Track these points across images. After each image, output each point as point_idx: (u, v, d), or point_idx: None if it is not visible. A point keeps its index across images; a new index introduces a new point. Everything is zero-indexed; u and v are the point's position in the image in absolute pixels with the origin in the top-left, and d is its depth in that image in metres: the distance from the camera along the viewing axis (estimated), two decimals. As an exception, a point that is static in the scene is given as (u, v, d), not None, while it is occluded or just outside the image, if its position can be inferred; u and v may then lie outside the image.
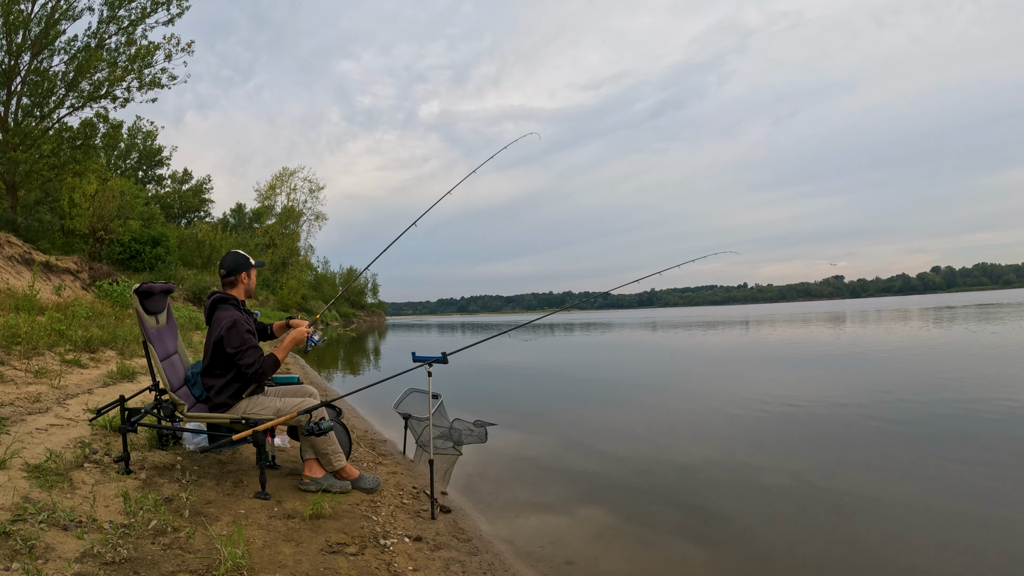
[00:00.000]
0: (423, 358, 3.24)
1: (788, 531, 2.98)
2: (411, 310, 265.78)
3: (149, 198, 27.53)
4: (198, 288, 19.33)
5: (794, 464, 4.11)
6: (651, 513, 3.29)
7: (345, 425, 3.50)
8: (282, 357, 3.04)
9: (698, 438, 5.01)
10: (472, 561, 2.53)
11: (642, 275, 4.44)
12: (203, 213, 37.48)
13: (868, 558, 2.63)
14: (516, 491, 3.70)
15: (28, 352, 5.05)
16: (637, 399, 7.22)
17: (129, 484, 2.68)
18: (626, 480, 3.90)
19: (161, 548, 2.10)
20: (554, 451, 4.73)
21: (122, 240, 18.58)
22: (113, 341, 6.92)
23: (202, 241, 26.19)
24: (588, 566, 2.62)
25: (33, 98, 14.96)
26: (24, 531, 1.93)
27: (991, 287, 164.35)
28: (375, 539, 2.57)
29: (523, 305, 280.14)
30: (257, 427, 2.87)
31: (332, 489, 3.06)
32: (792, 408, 6.01)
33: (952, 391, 6.46)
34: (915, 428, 4.96)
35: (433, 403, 3.94)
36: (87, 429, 3.34)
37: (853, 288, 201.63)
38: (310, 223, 49.10)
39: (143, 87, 15.73)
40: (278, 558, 2.22)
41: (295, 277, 41.28)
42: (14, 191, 15.23)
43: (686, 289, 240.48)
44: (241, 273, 3.21)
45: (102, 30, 15.17)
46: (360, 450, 4.35)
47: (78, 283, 14.11)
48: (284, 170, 49.07)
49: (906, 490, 3.50)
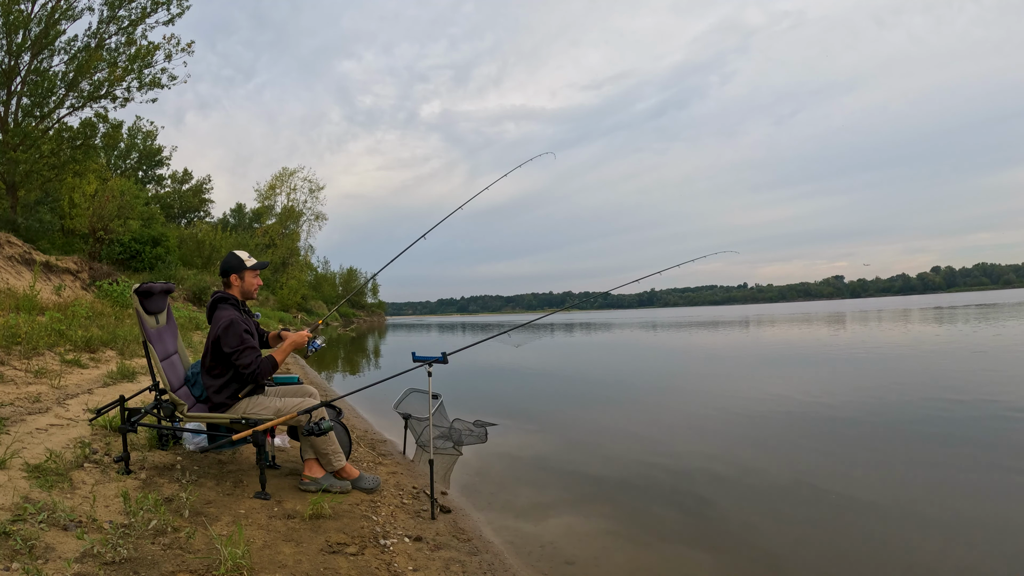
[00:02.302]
0: (423, 358, 3.24)
1: (789, 531, 2.98)
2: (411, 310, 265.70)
3: (149, 198, 27.53)
4: (198, 288, 19.33)
5: (795, 464, 4.11)
6: (651, 513, 3.29)
7: (345, 425, 3.50)
8: (280, 360, 3.04)
9: (698, 438, 5.01)
10: (472, 561, 2.53)
11: (642, 275, 4.43)
12: (203, 213, 37.50)
13: (869, 558, 2.63)
14: (516, 491, 3.70)
15: (28, 352, 5.05)
16: (637, 399, 7.22)
17: (129, 484, 2.68)
18: (626, 480, 3.90)
19: (161, 548, 2.10)
20: (554, 451, 4.73)
21: (122, 240, 18.59)
22: (113, 341, 6.91)
23: (202, 241, 26.19)
24: (588, 566, 2.62)
25: (33, 98, 14.95)
26: (24, 531, 1.93)
27: (991, 287, 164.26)
28: (375, 539, 2.57)
29: (523, 305, 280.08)
30: (257, 427, 2.87)
31: (332, 489, 3.06)
32: (793, 408, 6.01)
33: (952, 391, 6.45)
34: (916, 428, 4.96)
35: (433, 403, 3.93)
36: (87, 429, 3.34)
37: (853, 288, 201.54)
38: (310, 223, 49.08)
39: (143, 87, 15.72)
40: (278, 558, 2.22)
41: (295, 277, 41.25)
42: (14, 191, 15.23)
43: (686, 289, 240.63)
44: (232, 275, 3.20)
45: (102, 30, 15.16)
46: (360, 450, 4.35)
47: (78, 283, 14.11)
48: (284, 170, 49.08)
49: (907, 490, 3.50)
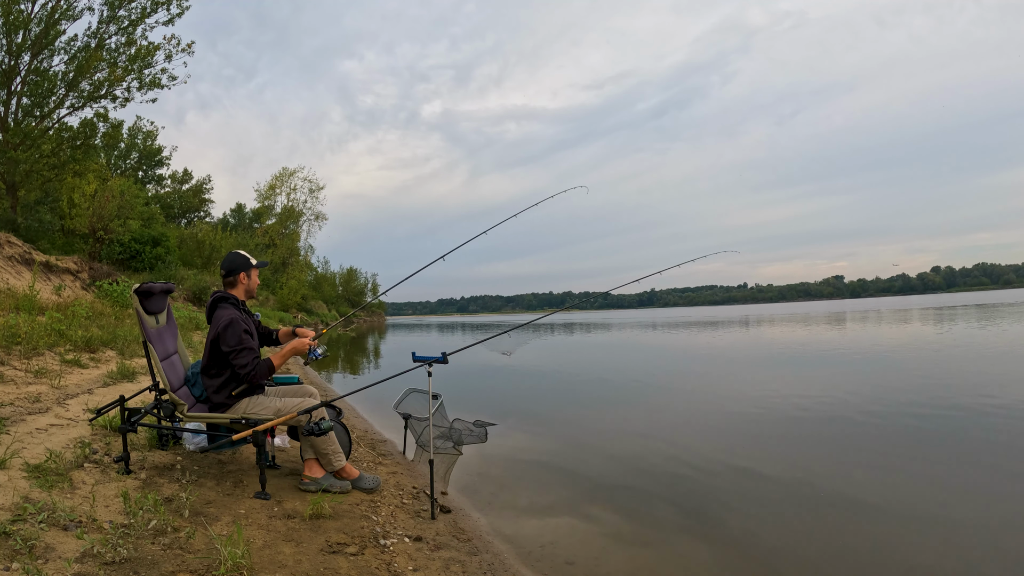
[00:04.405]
0: (423, 358, 3.24)
1: (789, 531, 2.98)
2: (411, 310, 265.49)
3: (149, 198, 27.50)
4: (198, 288, 19.32)
5: (795, 464, 4.11)
6: (652, 513, 3.28)
7: (345, 425, 3.50)
8: (278, 364, 3.01)
9: (699, 438, 5.01)
10: (472, 561, 2.53)
11: (642, 275, 4.44)
12: (203, 213, 37.46)
13: (870, 558, 2.63)
14: (516, 491, 3.70)
15: (28, 352, 5.05)
16: (637, 399, 7.22)
17: (129, 484, 2.68)
18: (626, 480, 3.90)
19: (161, 548, 2.10)
20: (554, 451, 4.73)
21: (122, 240, 18.56)
22: (113, 341, 6.91)
23: (202, 241, 26.17)
24: (588, 566, 2.62)
25: (33, 98, 14.94)
26: (24, 531, 1.93)
27: (991, 287, 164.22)
28: (375, 539, 2.57)
29: (523, 305, 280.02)
30: (257, 427, 2.87)
31: (332, 489, 3.06)
32: (793, 408, 6.01)
33: (953, 391, 6.45)
34: (917, 428, 4.96)
35: (433, 403, 3.94)
36: (87, 429, 3.33)
37: (853, 288, 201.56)
38: (310, 223, 49.10)
39: (143, 87, 15.71)
40: (278, 558, 2.22)
41: (295, 277, 41.22)
42: (14, 191, 15.22)
43: (686, 289, 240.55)
44: (240, 273, 3.20)
45: (102, 30, 15.16)
46: (360, 450, 4.35)
47: (78, 283, 14.10)
48: (284, 170, 49.05)
49: (907, 490, 3.50)
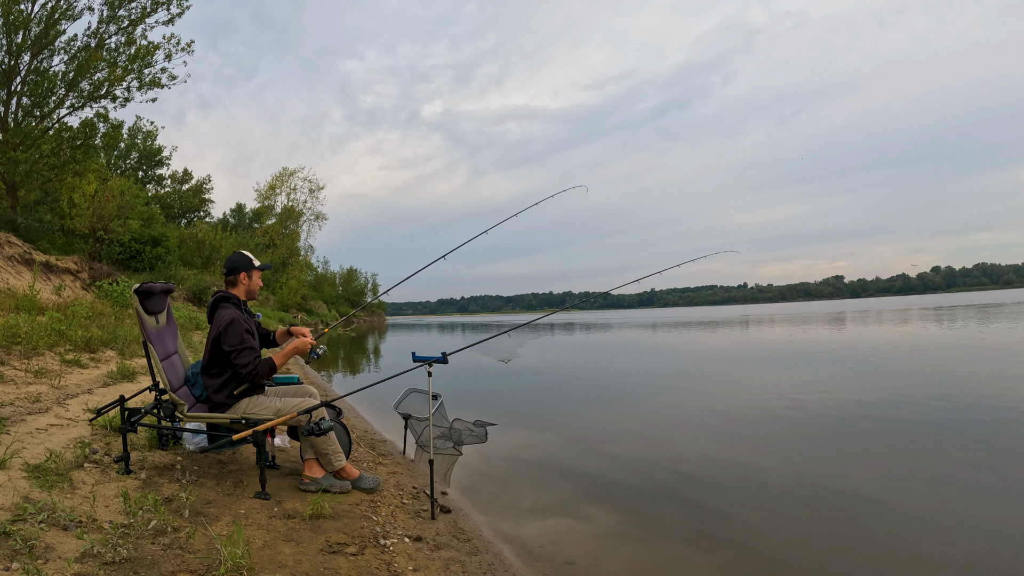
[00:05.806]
0: (423, 358, 3.24)
1: (790, 531, 2.98)
2: (411, 310, 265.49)
3: (149, 198, 27.47)
4: (198, 288, 19.31)
5: (795, 464, 4.11)
6: (652, 513, 3.29)
7: (345, 425, 3.50)
8: (279, 363, 3.02)
9: (699, 437, 5.01)
10: (472, 561, 2.52)
11: (642, 275, 4.44)
12: (203, 213, 37.45)
13: (870, 558, 2.63)
14: (516, 491, 3.70)
15: (28, 352, 5.05)
16: (637, 399, 7.22)
17: (129, 484, 2.68)
18: (627, 480, 3.89)
19: (161, 548, 2.10)
20: (554, 451, 4.73)
21: (122, 240, 18.55)
22: (113, 341, 6.91)
23: (202, 241, 26.16)
24: (588, 566, 2.62)
25: (33, 98, 14.94)
26: (24, 531, 1.93)
27: (991, 287, 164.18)
28: (375, 539, 2.57)
29: (523, 305, 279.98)
30: (257, 427, 2.87)
31: (332, 489, 3.06)
32: (793, 407, 6.01)
33: (953, 391, 6.46)
34: (917, 428, 4.96)
35: (433, 403, 3.94)
36: (87, 429, 3.33)
37: (853, 288, 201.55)
38: (310, 223, 49.06)
39: (143, 87, 15.71)
40: (278, 558, 2.22)
41: (295, 277, 41.21)
42: (14, 191, 15.22)
43: (686, 289, 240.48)
44: (241, 273, 3.21)
45: (102, 30, 15.16)
46: (360, 450, 4.35)
47: (78, 283, 14.10)
48: (284, 170, 49.02)
49: (908, 490, 3.50)
